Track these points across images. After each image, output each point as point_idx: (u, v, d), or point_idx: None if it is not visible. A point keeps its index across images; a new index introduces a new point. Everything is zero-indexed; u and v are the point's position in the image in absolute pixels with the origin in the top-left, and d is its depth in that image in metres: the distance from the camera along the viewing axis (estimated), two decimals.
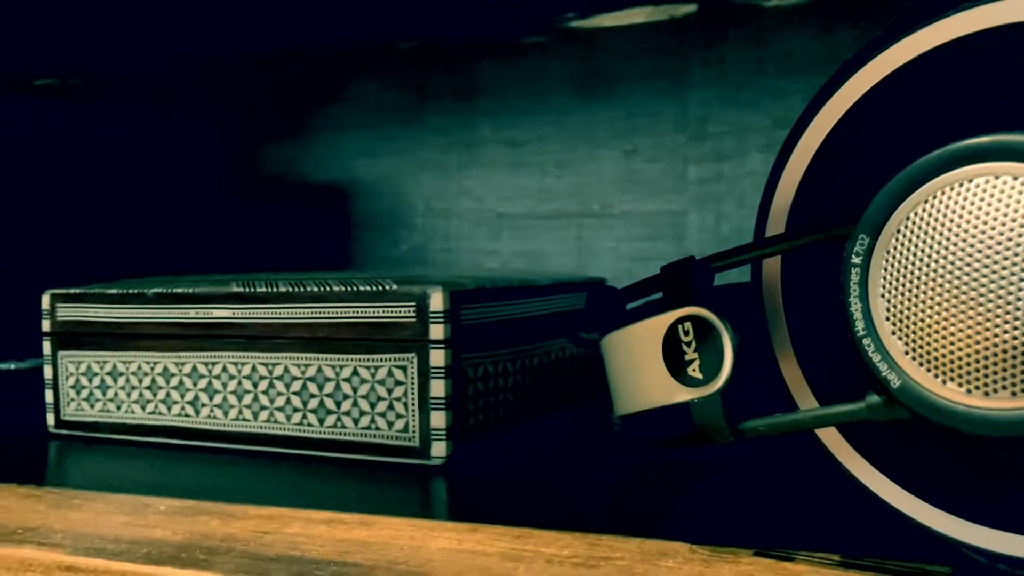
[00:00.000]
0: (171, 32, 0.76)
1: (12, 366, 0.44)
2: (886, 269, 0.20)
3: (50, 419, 0.41)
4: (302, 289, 0.35)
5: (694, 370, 0.22)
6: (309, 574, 0.22)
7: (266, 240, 0.76)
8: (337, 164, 0.75)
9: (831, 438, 0.23)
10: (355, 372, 0.34)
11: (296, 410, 0.35)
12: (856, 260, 0.20)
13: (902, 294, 0.20)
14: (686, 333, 0.22)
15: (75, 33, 0.76)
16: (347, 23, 0.73)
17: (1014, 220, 0.18)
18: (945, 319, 0.19)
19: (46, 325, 0.40)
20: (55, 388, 0.40)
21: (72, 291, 0.40)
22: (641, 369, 0.23)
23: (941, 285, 0.19)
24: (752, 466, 0.33)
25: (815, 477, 0.29)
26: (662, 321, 0.22)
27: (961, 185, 0.19)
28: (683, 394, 0.22)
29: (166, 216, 0.76)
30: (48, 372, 0.40)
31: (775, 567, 0.22)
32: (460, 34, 0.70)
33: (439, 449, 0.33)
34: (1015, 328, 0.18)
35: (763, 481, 0.31)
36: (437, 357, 0.32)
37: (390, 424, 0.33)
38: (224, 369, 0.36)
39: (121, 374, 0.39)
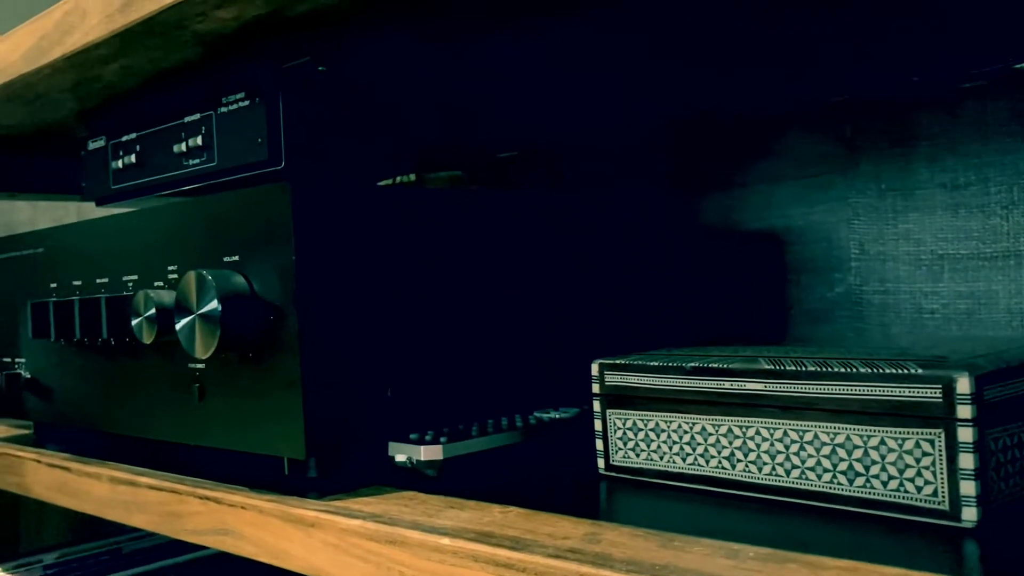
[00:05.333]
0: (619, 105, 0.86)
1: (556, 415, 0.55)
2: None
3: (600, 463, 0.51)
4: (829, 369, 0.41)
5: None
6: None
7: (706, 283, 0.84)
8: (771, 212, 0.81)
9: None
10: (882, 442, 0.40)
11: (826, 471, 0.41)
12: None
13: None
14: None
15: (537, 111, 0.89)
16: (780, 87, 0.78)
17: None
18: None
19: (596, 388, 0.51)
20: (604, 439, 0.50)
21: (617, 361, 0.50)
22: None
23: None
24: None
25: None
26: None
27: None
28: None
29: (620, 265, 0.86)
30: (598, 425, 0.51)
31: None
32: (894, 86, 0.73)
33: (969, 514, 0.37)
34: None
35: None
36: (965, 434, 0.37)
37: (918, 488, 0.39)
38: (757, 432, 0.44)
39: (663, 430, 0.48)
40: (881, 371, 0.40)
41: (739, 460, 0.45)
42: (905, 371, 0.39)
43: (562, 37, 0.61)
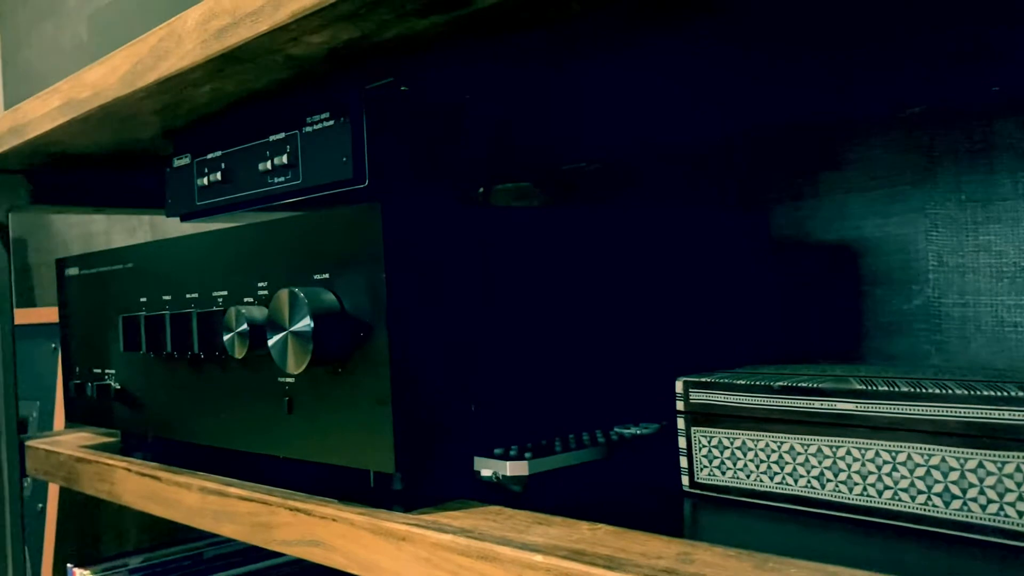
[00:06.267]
0: (691, 117, 0.86)
1: (637, 431, 0.56)
2: None
3: (684, 481, 0.51)
4: (923, 390, 0.41)
5: None
6: None
7: (780, 295, 0.83)
8: (845, 224, 0.81)
9: None
10: (980, 465, 0.39)
11: (920, 492, 0.41)
12: None
13: None
14: None
15: (609, 125, 0.89)
16: (856, 98, 0.78)
17: None
18: None
19: (680, 405, 0.51)
20: (689, 456, 0.51)
21: (703, 379, 0.50)
22: None
23: None
24: None
25: None
26: None
27: None
28: None
29: (693, 278, 0.86)
30: (683, 443, 0.51)
31: None
32: (973, 96, 0.72)
33: None
34: None
35: None
36: None
37: (1020, 514, 0.38)
38: (848, 452, 0.44)
39: (750, 449, 0.48)
40: (978, 393, 0.39)
41: (828, 480, 0.44)
42: (1004, 393, 0.39)
43: (640, 55, 0.61)
